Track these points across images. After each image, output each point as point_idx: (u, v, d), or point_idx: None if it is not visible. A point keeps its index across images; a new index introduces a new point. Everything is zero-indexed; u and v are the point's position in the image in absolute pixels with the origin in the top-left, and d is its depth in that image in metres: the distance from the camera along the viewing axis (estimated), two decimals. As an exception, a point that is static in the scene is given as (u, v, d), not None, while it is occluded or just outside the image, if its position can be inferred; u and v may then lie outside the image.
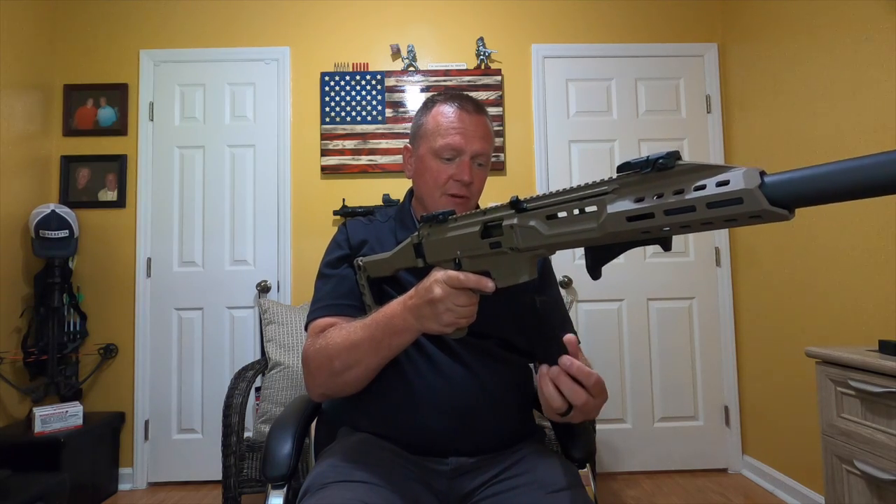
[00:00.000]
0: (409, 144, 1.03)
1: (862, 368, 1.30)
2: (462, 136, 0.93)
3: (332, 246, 1.02)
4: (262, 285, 2.45)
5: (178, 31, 2.57)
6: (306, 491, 0.82)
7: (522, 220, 0.61)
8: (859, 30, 1.79)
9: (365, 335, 0.80)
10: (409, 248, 0.82)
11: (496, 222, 0.66)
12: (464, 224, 0.72)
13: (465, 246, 0.71)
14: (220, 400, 1.93)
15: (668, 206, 0.45)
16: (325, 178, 2.53)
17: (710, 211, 0.43)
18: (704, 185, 0.43)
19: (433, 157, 0.95)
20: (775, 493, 2.20)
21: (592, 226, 0.53)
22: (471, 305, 0.71)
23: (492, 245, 0.67)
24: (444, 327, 0.71)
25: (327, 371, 0.85)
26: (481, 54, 2.54)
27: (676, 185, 0.45)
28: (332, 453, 0.90)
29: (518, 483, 0.86)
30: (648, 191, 0.48)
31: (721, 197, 0.42)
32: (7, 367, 2.19)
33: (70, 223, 2.29)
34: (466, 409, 0.89)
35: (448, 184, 0.95)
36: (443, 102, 0.98)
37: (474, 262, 0.70)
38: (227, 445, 1.75)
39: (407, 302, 0.75)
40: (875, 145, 1.72)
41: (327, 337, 0.86)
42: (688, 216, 0.44)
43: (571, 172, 2.57)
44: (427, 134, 0.96)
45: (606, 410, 2.43)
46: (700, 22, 2.64)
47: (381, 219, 1.04)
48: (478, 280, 0.68)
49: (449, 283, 0.69)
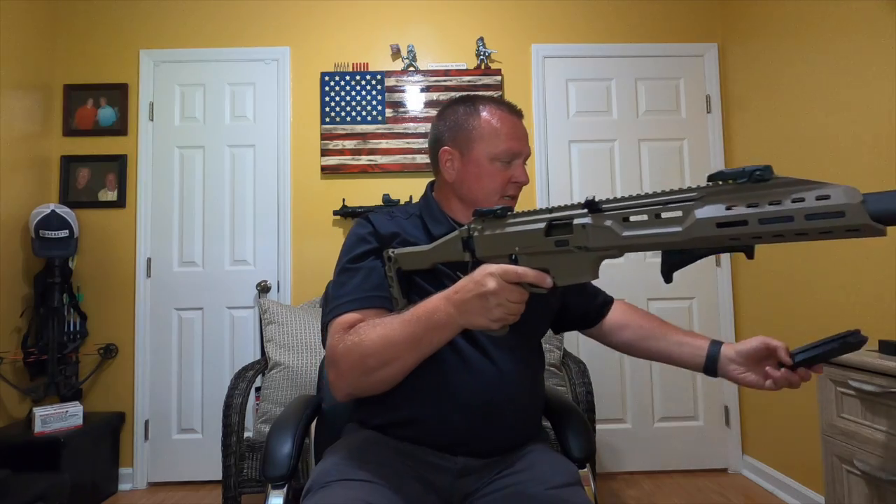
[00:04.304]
0: (448, 147, 0.98)
1: (862, 368, 1.30)
2: (518, 140, 0.96)
3: (354, 241, 0.97)
4: (262, 285, 2.45)
5: (178, 31, 2.57)
6: (309, 489, 0.82)
7: (597, 220, 0.61)
8: (859, 30, 1.79)
9: (404, 331, 0.77)
10: (456, 241, 0.81)
11: (564, 221, 0.66)
12: (525, 221, 0.71)
13: (524, 242, 0.71)
14: (220, 400, 1.93)
15: (764, 215, 0.47)
16: (325, 178, 2.53)
17: (808, 222, 0.45)
18: (803, 198, 0.46)
19: (491, 160, 0.95)
20: (775, 493, 2.20)
21: (677, 229, 0.54)
22: (521, 302, 0.70)
23: (557, 243, 0.66)
24: (491, 322, 0.70)
25: (360, 370, 0.81)
26: (481, 54, 2.54)
27: (772, 196, 0.47)
28: (336, 451, 0.90)
29: (518, 479, 0.86)
30: (740, 200, 0.49)
31: (822, 209, 0.44)
32: (7, 367, 2.19)
33: (70, 223, 2.29)
34: (492, 406, 0.89)
35: (507, 186, 0.96)
36: (489, 105, 0.97)
37: (533, 260, 0.70)
38: (227, 445, 1.75)
39: (452, 296, 0.73)
40: (875, 145, 1.73)
41: (360, 333, 0.82)
42: (784, 226, 0.46)
43: (571, 172, 2.57)
44: (483, 137, 0.95)
45: (606, 410, 2.44)
46: (700, 22, 2.64)
47: (402, 215, 1.02)
48: (537, 275, 0.68)
49: (505, 276, 0.68)
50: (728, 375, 0.88)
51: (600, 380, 2.40)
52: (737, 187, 0.50)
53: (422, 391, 0.89)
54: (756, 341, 0.85)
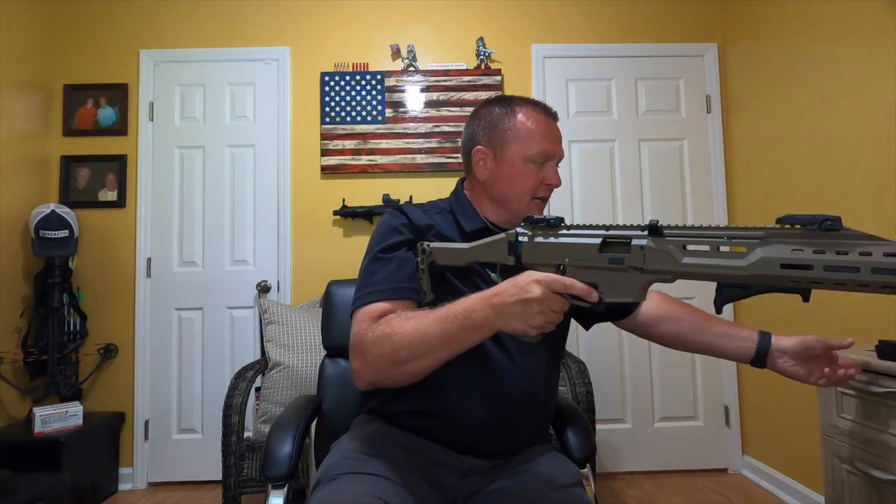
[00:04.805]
0: (482, 146, 0.98)
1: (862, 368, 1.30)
2: (552, 142, 0.96)
3: (385, 230, 0.97)
4: (262, 285, 2.45)
5: (178, 31, 2.57)
6: (319, 481, 0.83)
7: (658, 245, 0.63)
8: (859, 30, 1.79)
9: (440, 327, 0.77)
10: (502, 243, 0.81)
11: (621, 240, 0.68)
12: (579, 234, 0.73)
13: (576, 254, 0.72)
14: (220, 400, 1.93)
15: (830, 263, 0.50)
16: (325, 178, 2.53)
17: (873, 275, 0.48)
18: (870, 252, 0.48)
19: (525, 161, 0.95)
20: (775, 493, 2.20)
21: (740, 263, 0.56)
22: (561, 313, 0.71)
23: (612, 260, 0.68)
24: (529, 328, 0.71)
25: (390, 360, 0.81)
26: (481, 54, 2.54)
27: (839, 246, 0.50)
28: (344, 444, 0.90)
29: (521, 480, 0.87)
30: (807, 245, 0.52)
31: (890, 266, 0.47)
32: (7, 367, 2.19)
33: (70, 223, 2.28)
34: (510, 405, 0.89)
35: (539, 188, 0.96)
36: (526, 106, 0.97)
37: (581, 273, 0.71)
38: (227, 445, 1.75)
39: (491, 299, 0.74)
40: (875, 145, 1.73)
41: (391, 324, 0.82)
42: (849, 275, 0.49)
43: (571, 172, 2.57)
44: (518, 138, 0.95)
45: (606, 410, 2.44)
46: (700, 22, 2.64)
47: (433, 209, 1.02)
48: (585, 289, 0.69)
49: (552, 286, 0.69)
50: (777, 367, 0.91)
51: (600, 380, 2.40)
52: (804, 232, 0.52)
53: (442, 383, 0.89)
54: (813, 339, 0.88)
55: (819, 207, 1.95)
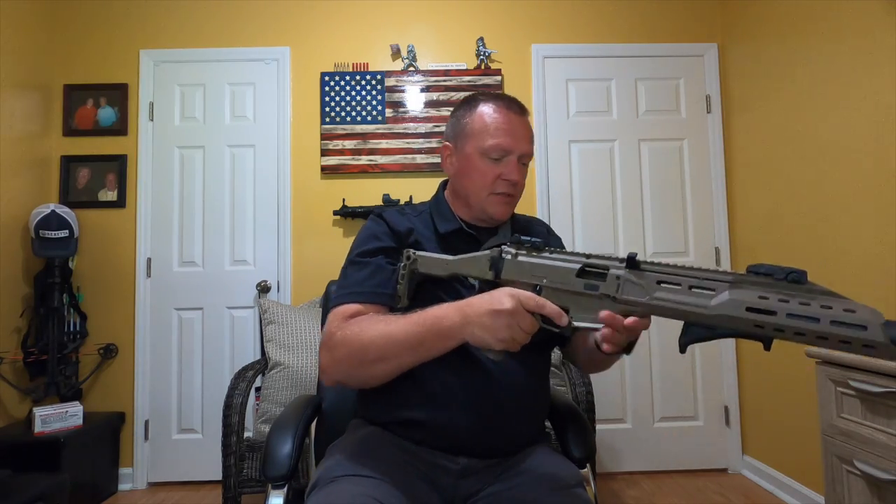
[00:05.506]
0: (448, 143, 1.01)
1: (862, 368, 1.30)
2: (511, 136, 0.94)
3: (366, 236, 0.98)
4: (262, 285, 2.45)
5: (178, 31, 2.57)
6: (315, 484, 0.82)
7: (634, 276, 0.66)
8: (859, 30, 1.79)
9: (409, 331, 0.78)
10: (484, 259, 0.83)
11: (599, 269, 0.70)
12: (560, 258, 0.75)
13: (553, 276, 0.74)
14: (220, 400, 1.93)
15: (793, 311, 0.53)
16: (325, 178, 2.53)
17: (831, 327, 0.50)
18: (831, 306, 0.51)
19: (481, 156, 0.95)
20: (775, 493, 2.20)
21: (706, 303, 0.58)
22: (529, 333, 0.72)
23: (587, 286, 0.70)
24: (497, 342, 0.71)
25: (357, 360, 0.82)
26: (481, 54, 2.54)
27: (802, 297, 0.53)
28: (342, 447, 0.90)
29: (521, 481, 0.86)
30: (773, 293, 0.55)
31: (847, 319, 0.49)
32: (7, 367, 2.19)
33: (70, 223, 2.28)
34: (495, 409, 0.89)
35: (496, 183, 0.95)
36: (488, 102, 0.97)
37: (555, 295, 0.73)
38: (227, 445, 1.75)
39: (463, 307, 0.75)
40: (875, 145, 1.72)
41: (361, 325, 0.83)
42: (809, 324, 0.51)
43: (571, 172, 2.57)
44: (474, 133, 0.96)
45: (606, 410, 2.44)
46: (700, 22, 2.64)
47: (412, 212, 1.03)
48: (555, 311, 0.70)
49: (525, 303, 0.70)
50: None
51: (600, 380, 2.39)
52: (772, 282, 0.55)
53: (427, 392, 0.89)
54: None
55: (819, 207, 1.95)
